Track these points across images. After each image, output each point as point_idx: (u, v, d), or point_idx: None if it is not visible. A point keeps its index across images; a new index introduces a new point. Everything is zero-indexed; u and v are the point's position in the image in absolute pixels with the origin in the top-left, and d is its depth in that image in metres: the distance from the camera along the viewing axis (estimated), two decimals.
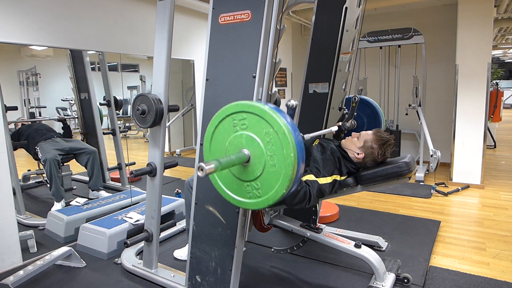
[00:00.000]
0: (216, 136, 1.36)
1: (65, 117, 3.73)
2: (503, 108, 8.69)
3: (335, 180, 1.78)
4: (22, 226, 2.79)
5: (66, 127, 3.66)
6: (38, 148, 3.23)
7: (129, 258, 2.36)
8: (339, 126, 2.22)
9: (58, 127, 3.71)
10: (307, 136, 1.80)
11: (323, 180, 1.71)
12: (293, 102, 1.51)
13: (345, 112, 2.45)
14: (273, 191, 1.23)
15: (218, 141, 1.35)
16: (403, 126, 4.92)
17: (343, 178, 1.84)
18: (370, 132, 1.93)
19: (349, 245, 2.08)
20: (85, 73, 3.59)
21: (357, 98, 2.23)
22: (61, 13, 2.72)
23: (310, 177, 1.68)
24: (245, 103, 1.27)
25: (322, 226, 2.65)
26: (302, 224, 2.27)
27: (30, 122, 3.54)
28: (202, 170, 1.10)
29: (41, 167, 3.35)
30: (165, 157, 2.08)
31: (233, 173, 1.33)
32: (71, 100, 3.82)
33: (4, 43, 2.45)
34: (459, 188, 4.00)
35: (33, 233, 2.55)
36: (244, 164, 1.27)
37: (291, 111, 1.59)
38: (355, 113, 2.31)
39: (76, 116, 3.83)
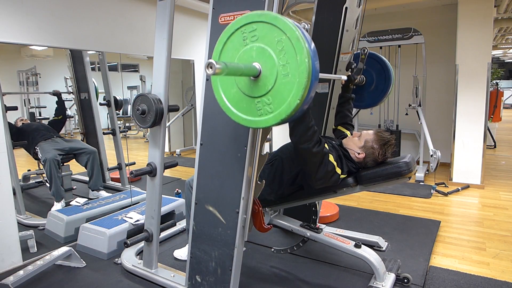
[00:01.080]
0: (224, 54, 1.30)
1: (60, 91, 3.67)
2: (503, 108, 8.69)
3: (337, 172, 1.78)
4: (22, 226, 2.79)
5: (60, 103, 3.61)
6: (38, 148, 3.23)
7: (129, 258, 2.36)
8: (348, 76, 2.17)
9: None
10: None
11: (331, 158, 1.75)
12: (305, 25, 1.45)
13: (353, 66, 2.35)
14: (286, 103, 1.17)
15: (226, 59, 1.29)
16: (403, 126, 4.92)
17: (343, 176, 1.85)
18: (371, 132, 1.93)
19: (349, 245, 2.08)
20: (85, 73, 3.59)
21: (366, 50, 2.17)
22: (61, 13, 2.72)
23: (325, 146, 1.72)
24: (256, 13, 1.22)
25: (322, 226, 2.65)
26: (302, 224, 2.27)
27: (29, 121, 3.54)
28: (211, 67, 1.04)
29: (41, 167, 3.35)
30: (165, 157, 2.08)
31: (242, 90, 1.27)
32: (70, 86, 3.76)
33: (4, 43, 2.45)
34: (459, 188, 3.99)
35: (33, 233, 2.55)
36: (254, 79, 1.22)
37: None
38: (364, 67, 2.24)
39: (72, 92, 3.75)
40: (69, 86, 3.76)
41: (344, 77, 2.01)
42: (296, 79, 1.14)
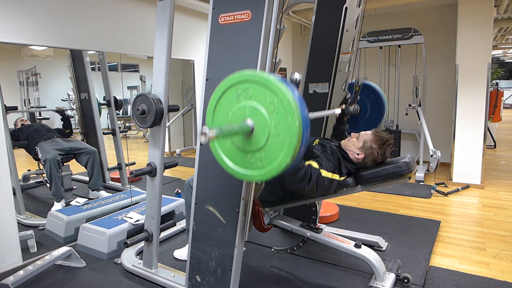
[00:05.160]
0: (219, 108, 1.32)
1: (63, 108, 3.69)
2: (503, 108, 8.68)
3: (334, 180, 1.78)
4: (22, 226, 2.79)
5: (65, 119, 3.64)
6: (38, 148, 3.23)
7: (129, 258, 2.36)
8: (342, 109, 2.19)
9: (58, 124, 3.69)
10: (311, 114, 1.79)
11: (324, 173, 1.74)
12: (296, 76, 1.45)
13: (347, 96, 2.40)
14: (277, 162, 1.20)
15: (221, 113, 1.32)
16: (403, 126, 4.91)
17: (342, 178, 1.84)
18: (369, 132, 1.93)
19: (349, 245, 2.08)
20: (85, 73, 3.59)
21: (360, 82, 2.19)
22: (61, 13, 2.72)
23: (314, 164, 1.71)
24: (249, 73, 1.25)
25: (322, 226, 2.65)
26: (302, 224, 2.27)
27: (29, 122, 3.54)
28: (205, 135, 1.07)
29: (41, 167, 3.35)
30: (165, 157, 2.08)
31: (236, 144, 1.30)
32: (71, 95, 3.78)
33: (4, 43, 2.45)
34: (459, 188, 3.99)
35: (33, 233, 2.55)
36: (247, 135, 1.25)
37: (294, 85, 1.56)
38: (359, 97, 2.27)
39: (74, 107, 3.79)
40: (71, 102, 3.77)
41: (338, 111, 2.03)
42: (287, 140, 1.17)
